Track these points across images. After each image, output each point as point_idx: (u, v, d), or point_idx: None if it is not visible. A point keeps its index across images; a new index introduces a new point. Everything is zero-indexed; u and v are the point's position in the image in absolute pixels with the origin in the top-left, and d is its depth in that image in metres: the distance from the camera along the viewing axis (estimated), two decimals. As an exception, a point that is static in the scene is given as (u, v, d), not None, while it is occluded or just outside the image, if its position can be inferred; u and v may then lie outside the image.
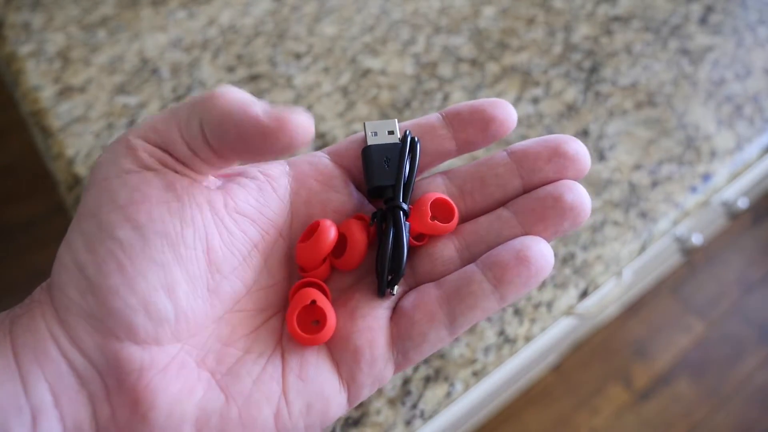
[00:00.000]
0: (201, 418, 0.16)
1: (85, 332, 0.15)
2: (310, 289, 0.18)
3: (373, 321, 0.18)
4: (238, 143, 0.16)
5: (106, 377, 0.16)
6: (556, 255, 0.35)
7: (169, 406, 0.15)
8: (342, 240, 0.20)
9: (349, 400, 0.18)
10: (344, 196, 0.20)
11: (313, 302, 0.18)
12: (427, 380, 0.31)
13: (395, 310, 0.19)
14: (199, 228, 0.17)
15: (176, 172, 0.17)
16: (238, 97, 0.16)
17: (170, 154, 0.17)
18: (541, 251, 0.17)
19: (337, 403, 0.17)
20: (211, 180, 0.18)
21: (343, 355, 0.18)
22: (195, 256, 0.16)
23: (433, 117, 0.21)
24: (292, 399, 0.17)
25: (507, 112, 0.20)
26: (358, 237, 0.19)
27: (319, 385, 0.17)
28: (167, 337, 0.16)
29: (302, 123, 0.15)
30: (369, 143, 0.20)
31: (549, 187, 0.19)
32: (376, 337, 0.18)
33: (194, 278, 0.16)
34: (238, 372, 0.17)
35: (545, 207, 0.18)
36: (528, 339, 0.33)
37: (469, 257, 0.19)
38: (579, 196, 0.19)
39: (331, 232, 0.19)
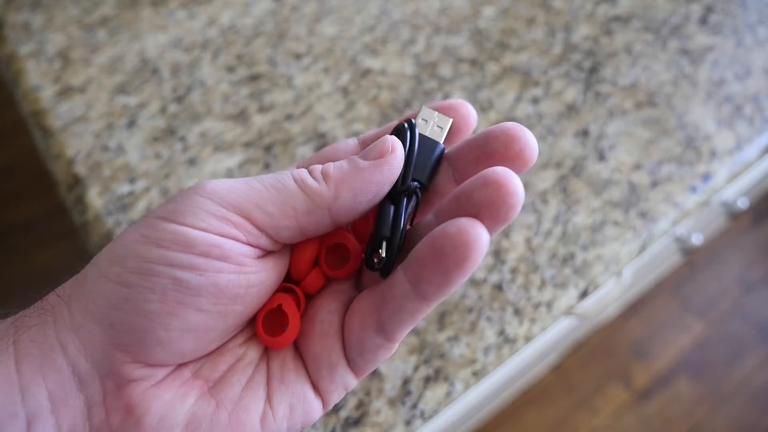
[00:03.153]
0: (192, 422, 0.16)
1: (98, 339, 0.16)
2: (280, 294, 0.19)
3: (330, 327, 0.18)
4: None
5: (105, 381, 0.16)
6: (555, 255, 0.35)
7: (162, 411, 0.16)
8: (340, 250, 0.20)
9: (323, 405, 0.18)
10: None
11: (279, 306, 0.18)
12: (427, 380, 0.31)
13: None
14: (261, 294, 0.17)
15: (261, 245, 0.17)
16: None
17: (270, 237, 0.17)
18: (462, 239, 0.15)
19: (315, 406, 0.18)
20: None
21: (308, 361, 0.18)
22: (241, 311, 0.17)
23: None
24: (276, 403, 0.17)
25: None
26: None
27: (299, 388, 0.18)
28: (173, 363, 0.17)
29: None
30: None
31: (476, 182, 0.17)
32: (332, 343, 0.18)
33: (228, 327, 0.17)
34: (229, 380, 0.17)
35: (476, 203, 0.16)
36: (528, 339, 0.33)
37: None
38: (512, 182, 0.16)
39: (310, 245, 0.19)
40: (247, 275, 0.16)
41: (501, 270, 0.34)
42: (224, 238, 0.16)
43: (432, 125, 0.20)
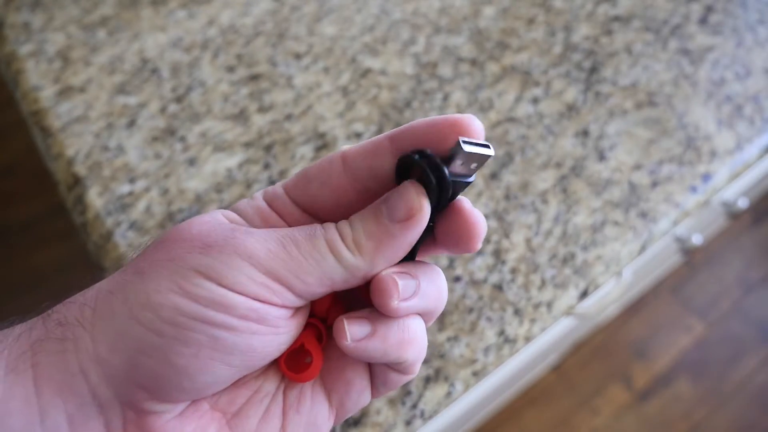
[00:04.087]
0: None
1: (121, 375, 0.16)
2: (304, 332, 0.19)
3: None
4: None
5: (125, 409, 0.16)
6: (555, 255, 0.35)
7: None
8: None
9: (336, 422, 0.19)
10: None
11: (302, 345, 0.19)
12: (428, 380, 0.30)
13: None
14: (286, 348, 0.18)
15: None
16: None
17: (305, 300, 0.18)
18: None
19: (326, 428, 0.19)
20: None
21: (336, 385, 0.19)
22: (262, 364, 0.18)
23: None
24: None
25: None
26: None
27: (314, 416, 0.19)
28: (191, 400, 0.17)
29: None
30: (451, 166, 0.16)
31: None
32: (363, 370, 0.19)
33: (250, 370, 0.18)
34: (246, 412, 0.18)
35: None
36: (528, 339, 0.33)
37: None
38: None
39: None
40: (280, 335, 0.17)
41: (501, 270, 0.34)
42: (263, 303, 0.16)
43: (468, 162, 0.17)
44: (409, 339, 0.18)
